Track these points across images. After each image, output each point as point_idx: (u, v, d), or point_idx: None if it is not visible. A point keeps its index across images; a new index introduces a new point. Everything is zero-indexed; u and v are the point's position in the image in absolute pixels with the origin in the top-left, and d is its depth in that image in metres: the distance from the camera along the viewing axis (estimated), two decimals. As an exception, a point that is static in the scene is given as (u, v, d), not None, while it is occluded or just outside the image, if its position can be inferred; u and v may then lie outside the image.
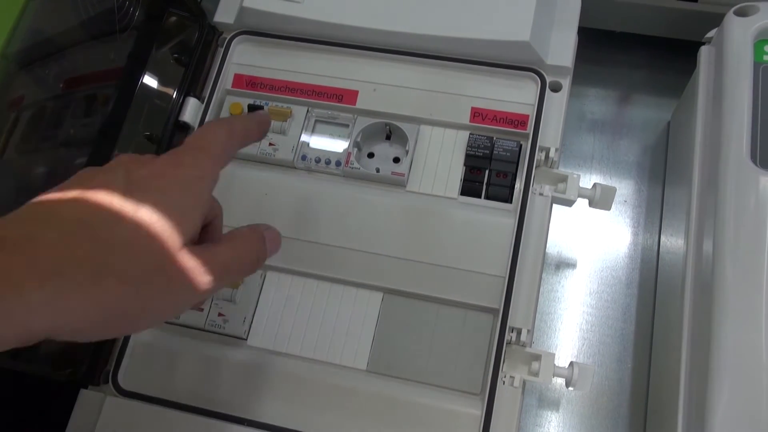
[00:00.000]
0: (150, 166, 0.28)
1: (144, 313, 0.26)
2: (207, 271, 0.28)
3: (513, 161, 0.40)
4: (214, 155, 0.30)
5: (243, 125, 0.33)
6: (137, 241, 0.26)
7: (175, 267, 0.27)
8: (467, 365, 0.37)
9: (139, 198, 0.26)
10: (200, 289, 0.28)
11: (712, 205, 0.37)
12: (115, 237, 0.25)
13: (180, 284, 0.27)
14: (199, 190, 0.29)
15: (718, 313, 0.34)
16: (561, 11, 0.43)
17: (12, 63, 0.46)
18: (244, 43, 0.46)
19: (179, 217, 0.27)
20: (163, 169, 0.28)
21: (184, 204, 0.28)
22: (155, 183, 0.27)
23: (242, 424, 0.37)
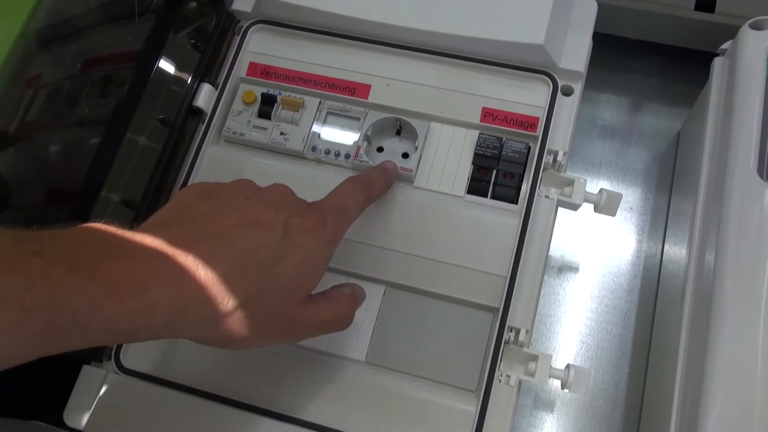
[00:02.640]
0: (303, 220, 0.31)
1: (244, 342, 0.30)
2: (310, 325, 0.32)
3: (521, 162, 0.40)
4: (350, 220, 0.34)
5: (379, 191, 0.37)
6: (277, 287, 0.29)
7: (292, 317, 0.31)
8: (465, 362, 0.38)
9: (291, 248, 0.29)
10: (297, 339, 0.33)
11: (716, 216, 0.37)
12: (263, 278, 0.28)
13: (289, 330, 0.31)
14: (330, 253, 0.32)
15: (716, 325, 0.34)
16: (577, 16, 0.43)
17: (32, 41, 0.46)
18: (260, 32, 0.46)
19: (311, 275, 0.31)
20: (312, 225, 0.31)
21: (317, 263, 0.31)
22: (304, 239, 0.30)
23: (240, 408, 0.37)
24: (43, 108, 0.44)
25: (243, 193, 0.31)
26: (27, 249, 0.23)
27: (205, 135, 0.43)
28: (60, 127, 0.43)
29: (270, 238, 0.29)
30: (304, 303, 0.31)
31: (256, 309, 0.28)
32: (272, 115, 0.43)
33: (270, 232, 0.29)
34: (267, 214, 0.30)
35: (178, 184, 0.42)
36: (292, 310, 0.30)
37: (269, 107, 0.44)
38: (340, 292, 0.34)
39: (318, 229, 0.31)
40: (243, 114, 0.44)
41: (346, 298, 0.34)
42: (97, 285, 0.24)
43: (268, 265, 0.29)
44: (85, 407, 0.38)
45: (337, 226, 0.32)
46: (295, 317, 0.31)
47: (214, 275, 0.27)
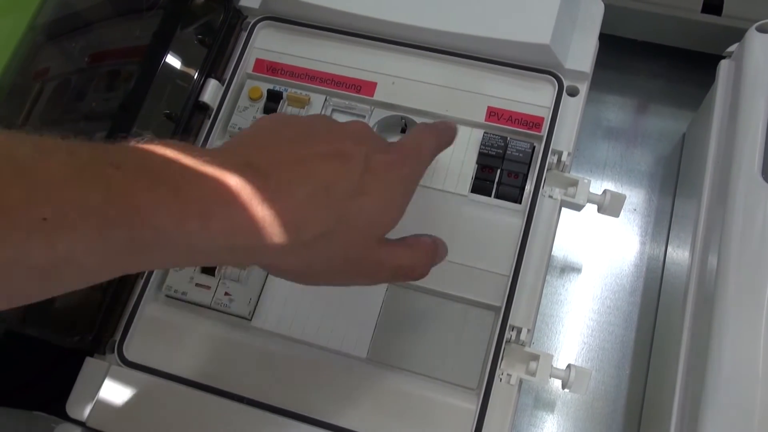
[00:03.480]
0: (385, 155, 0.30)
1: (319, 276, 0.29)
2: (387, 268, 0.31)
3: (525, 162, 0.40)
4: (425, 164, 0.33)
5: (448, 141, 0.36)
6: (357, 221, 0.28)
7: (370, 254, 0.30)
8: (466, 360, 0.38)
9: (372, 184, 0.29)
10: (373, 280, 0.32)
11: (719, 219, 0.37)
12: (344, 210, 0.28)
13: (365, 269, 0.30)
14: (411, 190, 0.31)
15: (718, 327, 0.34)
16: (583, 16, 0.43)
17: (40, 35, 0.47)
18: (267, 28, 0.46)
19: (392, 212, 0.30)
20: (394, 162, 0.30)
21: (399, 201, 0.30)
22: (386, 174, 0.29)
23: (240, 402, 0.37)
24: (50, 101, 0.44)
25: (324, 124, 0.31)
26: (105, 161, 0.22)
27: (210, 130, 0.43)
28: (67, 120, 0.43)
29: (352, 169, 0.28)
30: (383, 243, 0.30)
31: (334, 241, 0.28)
32: (278, 112, 0.44)
33: (352, 163, 0.28)
34: (349, 146, 0.29)
35: (183, 178, 0.43)
36: (370, 247, 0.30)
37: (275, 103, 0.44)
38: (420, 239, 0.33)
39: (399, 167, 0.30)
40: (249, 110, 0.44)
41: (425, 246, 0.33)
42: (180, 201, 0.23)
43: (349, 197, 0.28)
44: (87, 399, 0.38)
45: (417, 167, 0.32)
46: (374, 256, 0.30)
47: (295, 202, 0.26)
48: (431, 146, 0.34)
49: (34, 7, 0.47)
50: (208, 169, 0.24)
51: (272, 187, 0.26)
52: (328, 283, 0.31)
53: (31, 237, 0.19)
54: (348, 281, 0.31)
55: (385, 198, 0.29)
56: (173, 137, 0.42)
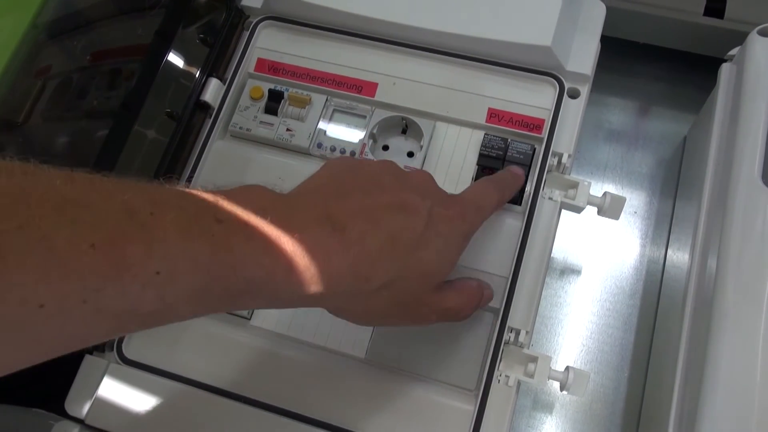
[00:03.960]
0: (446, 209, 0.32)
1: (375, 318, 0.32)
2: (435, 311, 0.33)
3: (526, 164, 0.40)
4: (484, 218, 0.35)
5: (510, 194, 0.38)
6: (416, 271, 0.30)
7: (422, 301, 0.32)
8: (464, 361, 0.38)
9: (433, 235, 0.30)
10: (422, 322, 0.33)
11: (719, 222, 0.37)
12: (406, 261, 0.29)
13: (416, 313, 0.32)
14: (464, 246, 0.33)
15: (716, 331, 0.34)
16: (585, 18, 0.43)
17: (42, 33, 0.47)
18: (269, 28, 0.46)
19: (447, 264, 0.32)
20: (453, 217, 0.32)
21: (454, 255, 0.32)
22: (445, 227, 0.31)
23: (239, 401, 0.37)
24: (52, 99, 0.44)
25: (390, 173, 0.32)
26: (210, 216, 0.24)
27: (211, 129, 0.43)
28: (68, 118, 0.43)
29: (416, 222, 0.30)
30: (436, 289, 0.32)
31: (395, 290, 0.29)
32: (279, 111, 0.44)
33: (417, 216, 0.30)
34: (414, 198, 0.30)
35: (184, 177, 0.43)
36: (425, 295, 0.31)
37: (276, 103, 0.44)
38: (466, 283, 0.35)
39: (458, 221, 0.32)
40: (250, 109, 0.44)
41: (471, 291, 0.35)
42: (270, 256, 0.25)
43: (412, 249, 0.29)
44: (86, 396, 0.38)
45: (474, 221, 0.34)
46: (425, 301, 0.32)
47: (366, 253, 0.28)
48: (492, 201, 0.35)
49: (36, 6, 0.47)
50: (291, 220, 0.26)
51: (347, 238, 0.27)
52: (381, 324, 0.33)
53: (145, 289, 0.21)
54: (399, 323, 0.34)
55: (443, 252, 0.31)
56: (174, 136, 0.42)
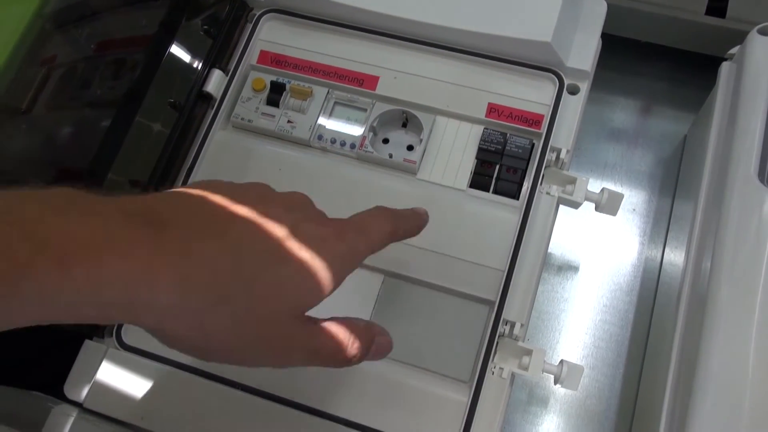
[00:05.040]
0: (319, 227, 0.28)
1: (220, 353, 0.26)
2: (300, 349, 0.27)
3: (524, 158, 0.41)
4: (370, 245, 0.30)
5: (408, 229, 0.33)
6: (269, 291, 0.25)
7: (285, 331, 0.26)
8: (459, 353, 0.38)
9: (297, 253, 0.26)
10: (286, 362, 0.28)
11: (715, 220, 0.37)
12: (254, 277, 0.25)
13: (277, 348, 0.27)
14: (343, 272, 0.28)
15: (709, 329, 0.34)
16: (586, 15, 0.43)
17: (47, 22, 0.47)
18: (272, 20, 0.46)
19: (314, 288, 0.27)
20: (327, 235, 0.28)
21: (324, 277, 0.27)
22: (315, 246, 0.27)
23: (235, 388, 0.38)
24: (56, 88, 0.45)
25: (259, 190, 0.29)
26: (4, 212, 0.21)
27: (213, 120, 0.44)
28: (71, 107, 0.44)
29: (272, 234, 0.26)
30: (302, 320, 0.27)
31: (239, 312, 0.25)
32: (280, 103, 0.44)
33: (274, 228, 0.26)
34: (276, 210, 0.27)
35: (186, 166, 0.43)
36: (285, 323, 0.26)
37: (278, 95, 0.44)
38: (350, 323, 0.29)
39: (333, 242, 0.28)
40: (252, 101, 0.44)
41: (355, 331, 0.29)
42: (34, 243, 0.21)
43: (265, 264, 0.25)
44: (85, 381, 0.39)
45: (355, 244, 0.29)
46: (289, 333, 0.26)
47: (189, 259, 0.23)
48: (383, 229, 0.31)
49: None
50: (84, 212, 0.22)
51: (165, 238, 0.23)
52: (231, 361, 0.27)
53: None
54: (259, 359, 0.27)
55: (308, 271, 0.26)
56: (177, 125, 0.43)
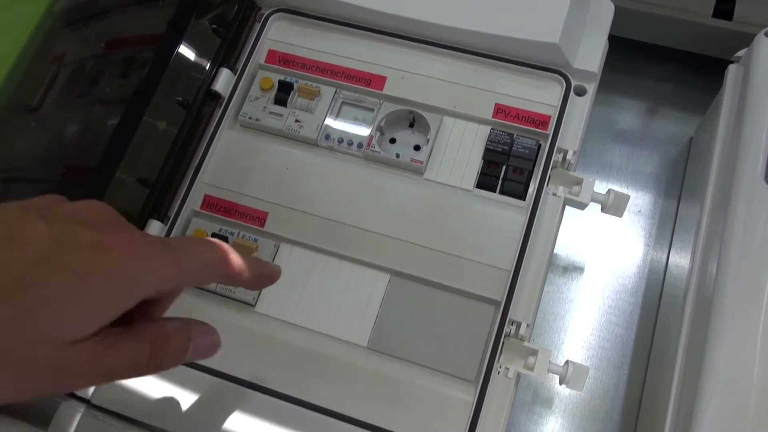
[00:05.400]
0: (102, 234, 0.23)
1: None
2: (85, 372, 0.23)
3: (531, 159, 0.41)
4: (184, 269, 0.25)
5: (240, 271, 0.28)
6: (16, 324, 0.22)
7: (52, 362, 0.22)
8: (465, 352, 0.38)
9: (54, 271, 0.22)
10: (67, 387, 0.24)
11: (721, 222, 0.37)
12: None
13: (44, 380, 0.23)
14: (135, 292, 0.24)
15: (714, 332, 0.34)
16: (593, 17, 0.44)
17: (57, 20, 0.48)
18: (280, 20, 0.47)
19: (78, 312, 0.22)
20: (111, 245, 0.23)
21: (95, 299, 0.23)
22: (84, 259, 0.23)
23: (241, 385, 0.38)
24: (65, 85, 0.45)
25: (20, 204, 0.24)
26: None
27: (221, 119, 0.44)
28: (80, 104, 0.44)
29: (21, 253, 0.22)
30: (80, 343, 0.23)
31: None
32: (288, 102, 0.44)
33: (24, 245, 0.22)
34: (30, 222, 0.22)
35: (193, 165, 0.43)
36: (52, 353, 0.22)
37: (286, 94, 0.44)
38: (160, 324, 0.26)
39: (118, 252, 0.23)
40: (260, 100, 0.45)
41: (158, 333, 0.25)
42: None
43: (9, 292, 0.21)
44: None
45: (158, 265, 0.24)
46: (58, 362, 0.22)
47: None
48: (207, 259, 0.26)
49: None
50: None
51: None
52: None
53: None
54: (25, 393, 0.23)
55: (68, 296, 0.22)
56: (185, 124, 0.43)
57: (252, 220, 0.42)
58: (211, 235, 0.42)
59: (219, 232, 0.42)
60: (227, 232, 0.42)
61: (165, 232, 0.42)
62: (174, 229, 0.42)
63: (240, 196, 0.42)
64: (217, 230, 0.42)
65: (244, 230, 0.42)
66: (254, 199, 0.42)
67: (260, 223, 0.42)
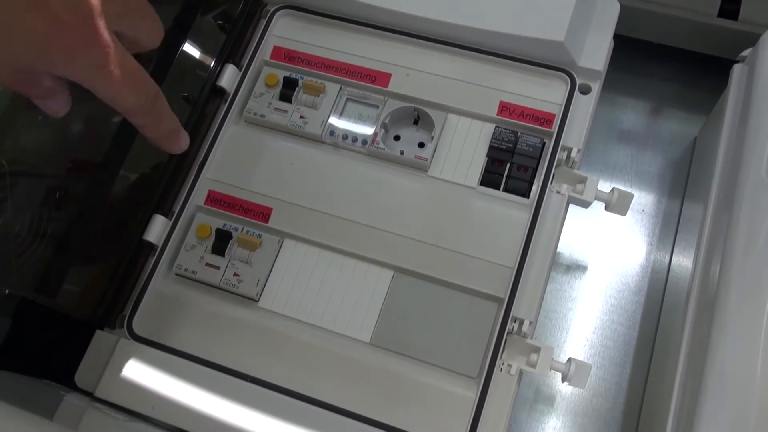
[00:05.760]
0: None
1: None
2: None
3: (535, 157, 0.41)
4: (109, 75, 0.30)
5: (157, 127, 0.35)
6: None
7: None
8: (467, 349, 0.38)
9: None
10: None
11: (725, 223, 0.37)
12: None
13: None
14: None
15: (717, 331, 0.34)
16: (599, 15, 0.44)
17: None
18: (286, 17, 0.47)
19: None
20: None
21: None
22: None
23: (244, 380, 0.38)
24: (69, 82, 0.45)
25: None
26: None
27: (226, 114, 0.44)
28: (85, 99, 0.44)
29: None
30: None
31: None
32: (293, 99, 0.44)
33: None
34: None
35: (198, 160, 0.43)
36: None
37: (291, 90, 0.44)
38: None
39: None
40: (265, 96, 0.45)
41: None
42: None
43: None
44: (96, 370, 0.39)
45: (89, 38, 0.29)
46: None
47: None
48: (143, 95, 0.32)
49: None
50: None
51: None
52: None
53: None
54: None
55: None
56: (190, 119, 0.43)
57: (256, 215, 0.42)
58: (215, 230, 0.42)
59: (223, 227, 0.42)
60: (231, 228, 0.42)
61: (169, 227, 0.42)
62: (178, 224, 0.42)
63: (244, 192, 0.43)
64: (222, 225, 0.42)
65: (248, 226, 0.42)
66: (258, 194, 0.42)
67: (264, 219, 0.42)
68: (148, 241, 0.41)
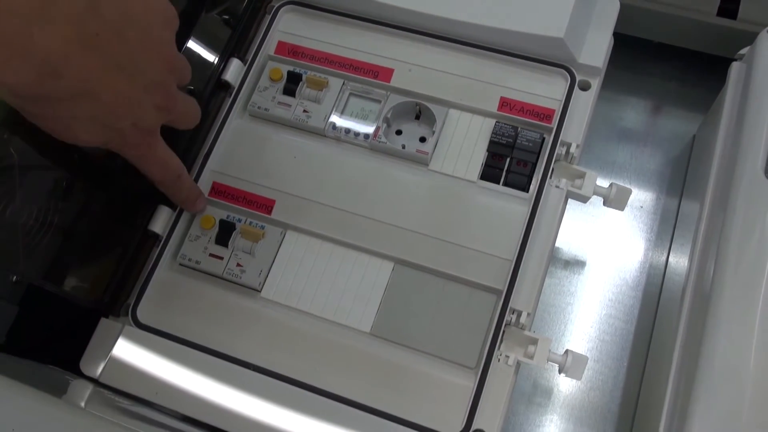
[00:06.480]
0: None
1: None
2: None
3: (534, 152, 0.41)
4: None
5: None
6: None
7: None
8: (466, 340, 0.39)
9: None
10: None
11: (721, 219, 0.38)
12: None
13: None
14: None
15: (712, 326, 0.35)
16: (599, 12, 0.44)
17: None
18: (291, 12, 0.47)
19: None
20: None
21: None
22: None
23: (247, 368, 0.39)
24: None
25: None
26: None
27: (231, 108, 0.45)
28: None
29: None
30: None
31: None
32: (297, 93, 0.45)
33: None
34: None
35: (202, 153, 0.44)
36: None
37: (294, 85, 0.45)
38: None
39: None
40: (269, 90, 0.45)
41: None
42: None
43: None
44: (100, 357, 0.40)
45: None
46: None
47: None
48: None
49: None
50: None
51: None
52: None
53: None
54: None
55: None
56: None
57: (259, 207, 0.43)
58: (219, 222, 0.42)
59: (227, 218, 0.43)
60: (235, 219, 0.43)
61: (174, 217, 0.43)
62: (183, 215, 0.43)
63: (248, 184, 0.43)
64: (225, 216, 0.43)
65: (251, 217, 0.43)
66: (262, 186, 0.43)
67: (267, 211, 0.42)
68: (153, 231, 0.42)
